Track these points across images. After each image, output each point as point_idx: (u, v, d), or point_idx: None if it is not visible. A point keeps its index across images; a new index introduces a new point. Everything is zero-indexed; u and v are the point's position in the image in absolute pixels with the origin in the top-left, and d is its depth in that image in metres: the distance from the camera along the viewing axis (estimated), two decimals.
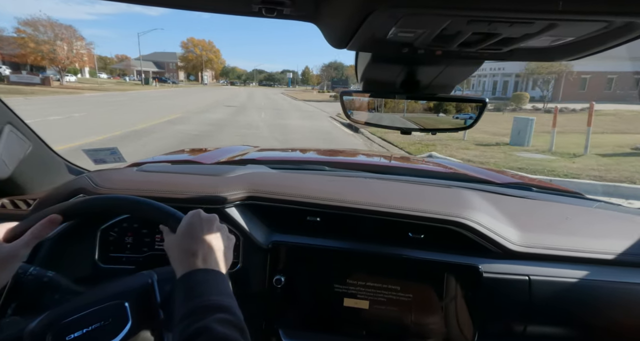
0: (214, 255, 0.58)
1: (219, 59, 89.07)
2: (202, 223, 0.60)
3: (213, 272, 0.55)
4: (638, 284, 0.83)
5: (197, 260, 0.55)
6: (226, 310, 0.50)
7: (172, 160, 1.43)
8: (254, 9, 0.45)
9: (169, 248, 0.60)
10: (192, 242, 0.57)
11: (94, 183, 0.96)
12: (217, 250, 0.59)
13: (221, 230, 0.63)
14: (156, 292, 0.62)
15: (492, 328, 0.85)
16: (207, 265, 0.56)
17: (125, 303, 0.58)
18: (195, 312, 0.48)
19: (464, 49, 0.51)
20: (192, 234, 0.58)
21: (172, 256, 0.59)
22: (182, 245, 0.57)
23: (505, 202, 1.05)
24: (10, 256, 0.56)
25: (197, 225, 0.60)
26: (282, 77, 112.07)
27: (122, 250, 0.95)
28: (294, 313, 0.89)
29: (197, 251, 0.56)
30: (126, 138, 7.55)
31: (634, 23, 0.38)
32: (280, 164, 1.35)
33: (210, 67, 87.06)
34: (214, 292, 0.52)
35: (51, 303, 0.62)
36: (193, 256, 0.56)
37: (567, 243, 0.88)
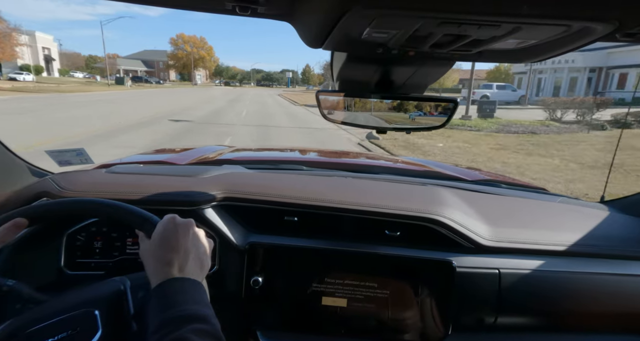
0: (191, 263, 0.56)
1: (211, 56, 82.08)
2: (177, 229, 0.58)
3: (189, 281, 0.53)
4: (594, 273, 0.89)
5: (173, 269, 0.53)
6: (202, 320, 0.49)
7: (144, 161, 1.38)
8: (228, 6, 0.45)
9: (144, 256, 0.58)
10: (168, 249, 0.55)
11: (59, 186, 0.91)
12: (193, 258, 0.57)
13: (198, 235, 0.61)
14: (129, 300, 0.59)
15: (465, 320, 0.88)
16: (184, 274, 0.54)
17: (95, 312, 0.55)
18: (171, 323, 0.47)
19: (436, 50, 0.52)
20: (167, 241, 0.56)
21: (147, 264, 0.56)
22: (157, 254, 0.55)
23: (476, 198, 1.09)
24: None
25: (173, 232, 0.57)
26: (281, 76, 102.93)
27: (91, 255, 0.91)
28: (272, 314, 0.88)
29: (172, 259, 0.54)
30: None
31: (589, 27, 0.41)
32: (256, 164, 1.34)
33: (203, 66, 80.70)
34: (189, 302, 0.50)
35: (12, 314, 0.58)
36: (168, 265, 0.54)
37: (532, 236, 0.93)
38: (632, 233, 0.99)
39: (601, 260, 0.92)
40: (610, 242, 0.95)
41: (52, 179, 0.95)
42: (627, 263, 0.92)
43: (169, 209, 0.88)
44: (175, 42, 75.77)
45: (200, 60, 78.43)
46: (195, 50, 76.43)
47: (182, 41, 75.68)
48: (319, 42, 0.54)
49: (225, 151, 1.66)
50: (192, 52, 75.55)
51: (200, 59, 78.25)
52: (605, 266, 0.90)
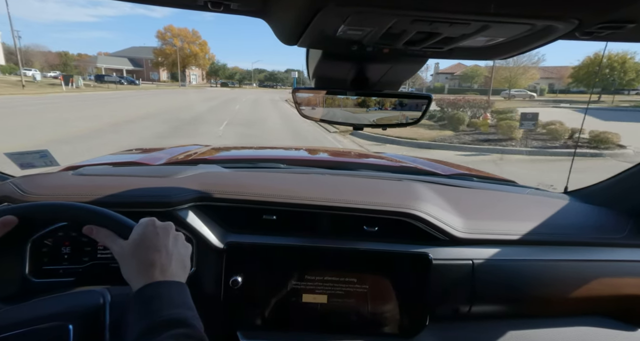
0: (173, 265, 0.54)
1: (205, 52, 68.10)
2: (157, 232, 0.56)
3: (174, 284, 0.52)
4: (558, 260, 0.94)
5: (155, 271, 0.52)
6: (185, 324, 0.47)
7: (114, 162, 1.32)
8: (199, 2, 0.44)
9: (121, 257, 0.55)
10: (150, 250, 0.53)
11: (21, 189, 0.86)
12: (175, 260, 0.55)
13: (178, 238, 0.59)
14: (106, 316, 0.55)
15: (442, 310, 0.91)
16: (166, 276, 0.52)
17: (69, 326, 0.51)
18: (153, 329, 0.45)
19: (409, 47, 0.54)
20: (147, 244, 0.54)
21: (126, 265, 0.54)
22: (138, 254, 0.53)
23: (450, 192, 1.12)
24: None
25: (153, 234, 0.55)
26: (285, 76, 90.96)
27: (59, 261, 0.87)
28: (252, 313, 0.88)
29: (154, 260, 0.52)
30: None
31: (552, 26, 0.43)
32: (233, 163, 1.32)
33: (196, 63, 67.77)
34: (173, 305, 0.49)
35: None
36: (151, 266, 0.52)
37: (502, 227, 0.97)
38: (591, 221, 1.06)
39: (564, 248, 0.97)
40: (572, 230, 1.01)
41: (14, 183, 0.90)
42: (586, 250, 0.97)
43: (143, 211, 0.86)
44: (162, 35, 62.75)
45: (192, 57, 65.48)
46: (186, 46, 64.26)
47: (171, 35, 63.39)
48: (293, 39, 0.54)
49: (200, 150, 1.63)
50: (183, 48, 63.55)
51: (192, 56, 65.34)
52: (567, 253, 0.95)
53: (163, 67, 65.10)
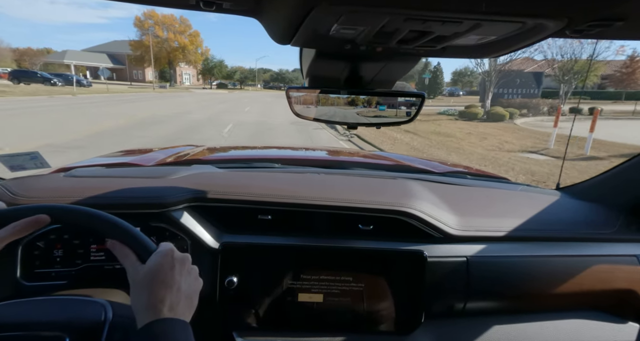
0: (182, 302, 0.53)
1: (196, 45, 52.45)
2: (174, 264, 0.55)
3: (179, 323, 0.51)
4: (550, 256, 0.95)
5: (164, 308, 0.51)
6: None
7: (107, 163, 1.31)
8: (192, 1, 0.43)
9: (134, 284, 0.53)
10: (162, 286, 0.52)
11: (11, 192, 0.85)
12: (185, 297, 0.54)
13: (191, 272, 0.58)
14: (103, 336, 0.53)
15: (437, 307, 0.91)
16: (174, 314, 0.51)
17: (66, 339, 0.50)
18: None
19: (402, 46, 0.54)
20: (162, 277, 0.53)
21: (136, 294, 0.53)
22: (150, 288, 0.52)
23: (444, 189, 1.13)
24: None
25: (170, 267, 0.54)
26: (295, 76, 78.04)
27: (51, 264, 0.86)
28: (248, 314, 0.87)
29: (165, 297, 0.51)
30: None
31: (542, 24, 0.44)
32: (228, 163, 1.31)
33: (184, 59, 52.52)
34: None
35: None
36: (161, 302, 0.51)
37: (496, 224, 0.98)
38: (582, 216, 1.07)
39: (556, 243, 0.98)
40: (564, 226, 1.02)
41: (4, 185, 0.88)
42: (578, 245, 0.99)
43: (136, 212, 0.85)
44: (142, 23, 47.38)
45: (180, 51, 50.40)
46: (172, 37, 49.37)
47: (153, 22, 48.38)
48: (287, 38, 0.54)
49: (194, 151, 1.62)
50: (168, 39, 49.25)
51: (180, 50, 50.31)
52: (560, 249, 0.97)
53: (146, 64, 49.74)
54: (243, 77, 70.98)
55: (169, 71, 53.58)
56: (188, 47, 51.25)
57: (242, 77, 70.37)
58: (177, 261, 0.56)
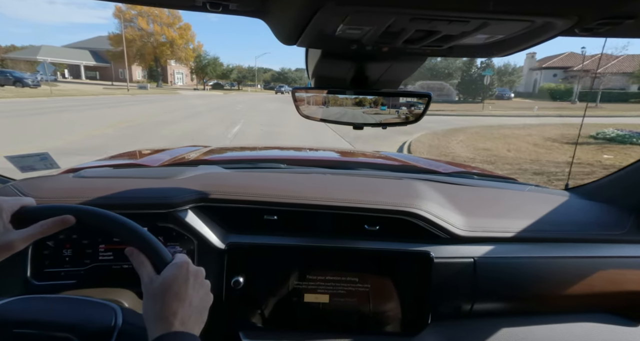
0: (193, 317, 0.54)
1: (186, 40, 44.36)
2: (188, 278, 0.55)
3: (189, 337, 0.51)
4: (559, 257, 0.94)
5: (176, 321, 0.51)
6: None
7: (114, 164, 1.32)
8: (198, 3, 0.44)
9: (148, 294, 0.54)
10: (175, 298, 0.52)
11: (22, 193, 0.86)
12: (197, 311, 0.55)
13: (204, 286, 0.59)
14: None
15: (444, 308, 0.91)
16: (184, 327, 0.52)
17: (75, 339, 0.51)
18: None
19: (409, 46, 0.54)
20: (176, 290, 0.53)
21: (149, 307, 0.53)
22: (164, 300, 0.52)
23: (450, 190, 1.12)
24: (9, 245, 0.50)
25: (184, 280, 0.55)
26: (298, 76, 70.14)
27: (60, 263, 0.87)
28: (254, 314, 0.88)
29: (177, 310, 0.52)
30: None
31: (551, 23, 0.43)
32: (234, 163, 1.32)
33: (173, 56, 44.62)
34: None
35: None
36: (173, 315, 0.51)
37: (503, 224, 0.97)
38: (592, 217, 1.06)
39: (566, 244, 0.97)
40: (573, 227, 1.01)
41: (14, 186, 0.90)
42: (588, 246, 0.97)
43: (143, 213, 0.86)
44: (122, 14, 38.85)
45: (168, 47, 42.37)
46: (158, 30, 41.48)
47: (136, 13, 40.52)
48: (292, 39, 0.54)
49: (201, 151, 1.63)
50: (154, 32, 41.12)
51: (168, 45, 42.32)
52: (569, 250, 0.95)
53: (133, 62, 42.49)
54: (241, 76, 62.57)
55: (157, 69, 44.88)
56: (177, 41, 42.64)
57: (240, 77, 62.26)
58: (192, 274, 0.56)
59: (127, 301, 0.79)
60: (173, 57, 45.31)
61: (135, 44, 41.17)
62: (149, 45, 42.62)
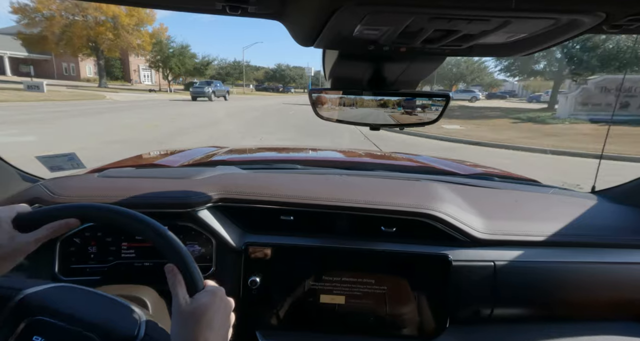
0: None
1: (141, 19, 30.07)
2: (219, 307, 0.56)
3: None
4: (587, 263, 0.90)
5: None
6: None
7: (136, 164, 1.37)
8: (218, 6, 0.45)
9: (179, 316, 0.54)
10: (207, 327, 0.53)
11: (51, 191, 0.90)
12: (223, 338, 0.56)
13: (231, 318, 0.60)
14: None
15: (462, 313, 0.89)
16: None
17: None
18: None
19: (427, 46, 0.53)
20: (208, 319, 0.54)
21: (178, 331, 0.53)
22: (195, 328, 0.53)
23: (470, 192, 1.10)
24: (19, 249, 0.52)
25: (216, 310, 0.55)
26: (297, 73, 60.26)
27: (85, 260, 0.90)
28: (270, 313, 0.88)
29: (207, 339, 0.52)
30: None
31: (577, 20, 0.41)
32: (251, 164, 1.33)
33: (117, 41, 29.50)
34: None
35: None
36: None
37: (526, 228, 0.94)
38: (623, 221, 1.01)
39: (594, 249, 0.93)
40: (602, 231, 0.96)
41: (44, 185, 0.94)
42: (618, 252, 0.93)
43: (164, 212, 0.88)
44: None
45: (108, 28, 28.99)
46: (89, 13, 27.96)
47: None
48: (310, 40, 0.54)
49: (219, 152, 1.66)
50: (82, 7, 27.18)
51: (109, 25, 29.15)
52: (597, 255, 0.92)
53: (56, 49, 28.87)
54: (224, 73, 48.47)
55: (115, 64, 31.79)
56: (122, 20, 28.27)
57: (223, 74, 48.43)
58: (223, 304, 0.57)
59: (149, 298, 0.81)
60: (118, 43, 29.73)
61: (56, 22, 26.27)
62: (78, 24, 27.56)
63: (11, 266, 0.52)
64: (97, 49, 30.00)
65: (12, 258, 0.52)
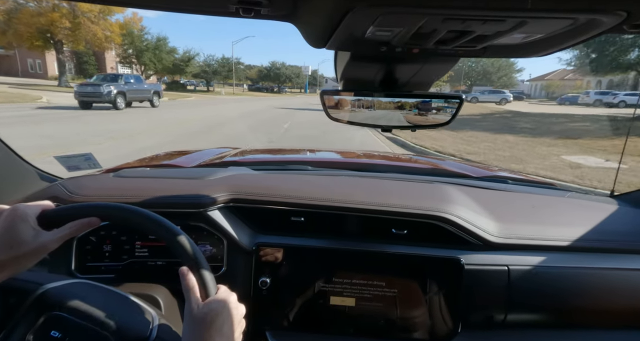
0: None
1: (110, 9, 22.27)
2: (231, 313, 0.57)
3: None
4: (606, 269, 0.88)
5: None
6: None
7: (150, 165, 1.39)
8: (231, 9, 0.45)
9: (190, 320, 0.55)
10: (218, 333, 0.54)
11: (68, 191, 0.92)
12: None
13: (241, 324, 0.60)
14: None
15: (475, 318, 0.87)
16: None
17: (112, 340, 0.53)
18: None
19: (440, 47, 0.52)
20: (219, 324, 0.55)
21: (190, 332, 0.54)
22: (208, 333, 0.53)
23: (483, 195, 1.08)
24: (43, 246, 0.53)
25: (227, 316, 0.56)
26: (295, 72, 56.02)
27: (101, 258, 0.92)
28: (280, 314, 0.88)
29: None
30: None
31: (596, 19, 0.40)
32: (262, 165, 1.34)
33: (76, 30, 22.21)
34: None
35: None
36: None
37: (541, 232, 0.92)
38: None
39: (614, 255, 0.90)
40: (622, 236, 0.94)
41: (62, 184, 0.96)
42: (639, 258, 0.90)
43: (176, 212, 0.89)
44: None
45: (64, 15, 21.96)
46: None
47: None
48: (322, 42, 0.54)
49: (231, 153, 1.67)
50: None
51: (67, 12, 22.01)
52: (617, 261, 0.89)
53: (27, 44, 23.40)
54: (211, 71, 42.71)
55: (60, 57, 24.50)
56: (81, 6, 22.65)
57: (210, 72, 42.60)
58: (235, 309, 0.58)
59: (161, 297, 0.82)
60: (79, 34, 23.87)
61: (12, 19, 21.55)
62: (26, 10, 22.54)
63: (34, 263, 0.53)
64: (53, 40, 23.62)
65: (35, 255, 0.53)
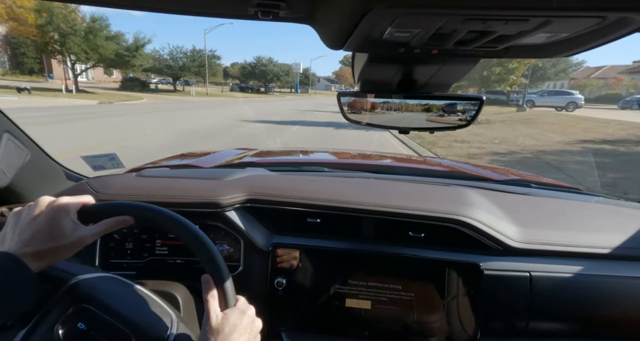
0: None
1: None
2: (247, 327, 0.58)
3: None
4: (632, 277, 0.84)
5: None
6: None
7: (171, 165, 1.42)
8: (250, 11, 0.46)
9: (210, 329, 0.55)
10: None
11: (93, 189, 0.96)
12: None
13: (257, 337, 0.61)
14: None
15: (495, 324, 0.85)
16: None
17: (132, 339, 0.54)
18: None
19: (460, 48, 0.51)
20: (237, 335, 0.55)
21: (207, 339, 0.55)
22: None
23: (504, 198, 1.05)
24: (81, 240, 0.54)
25: (245, 327, 0.57)
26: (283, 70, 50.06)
27: (123, 256, 0.95)
28: (296, 315, 0.89)
29: None
30: None
31: (627, 18, 0.39)
32: (279, 166, 1.35)
33: None
34: None
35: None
36: None
37: (566, 238, 0.89)
38: None
39: None
40: None
41: (87, 183, 1.00)
42: None
43: (194, 211, 0.91)
44: None
45: None
46: None
47: None
48: (340, 43, 0.54)
49: (248, 154, 1.69)
50: None
51: None
52: None
53: None
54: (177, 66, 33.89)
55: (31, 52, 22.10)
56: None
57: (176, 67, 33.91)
58: (252, 321, 0.59)
59: (180, 295, 0.84)
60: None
61: None
62: None
63: (70, 255, 0.55)
64: None
65: (73, 248, 0.54)
